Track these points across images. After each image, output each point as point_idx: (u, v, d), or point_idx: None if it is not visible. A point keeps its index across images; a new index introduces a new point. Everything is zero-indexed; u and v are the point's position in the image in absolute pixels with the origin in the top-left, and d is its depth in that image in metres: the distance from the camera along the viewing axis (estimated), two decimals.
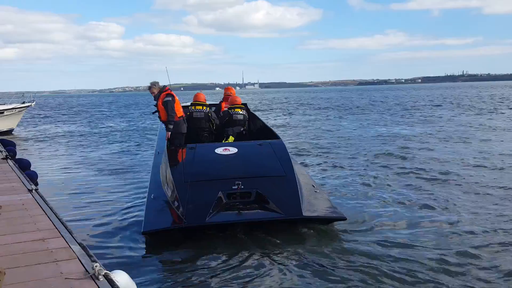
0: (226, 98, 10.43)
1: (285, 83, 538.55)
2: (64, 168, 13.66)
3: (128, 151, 17.35)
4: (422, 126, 23.39)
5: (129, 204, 8.85)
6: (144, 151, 17.00)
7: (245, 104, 10.41)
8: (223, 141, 9.10)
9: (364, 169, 11.99)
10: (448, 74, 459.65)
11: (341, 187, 10.00)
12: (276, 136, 8.87)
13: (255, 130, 10.28)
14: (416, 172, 11.32)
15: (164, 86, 9.18)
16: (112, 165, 13.86)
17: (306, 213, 6.57)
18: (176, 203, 6.69)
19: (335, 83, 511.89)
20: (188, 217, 6.32)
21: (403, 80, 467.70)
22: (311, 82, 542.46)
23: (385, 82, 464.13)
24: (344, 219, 6.84)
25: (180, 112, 9.00)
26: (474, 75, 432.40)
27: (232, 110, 9.60)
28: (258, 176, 7.11)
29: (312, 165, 12.97)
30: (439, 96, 68.23)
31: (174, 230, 6.42)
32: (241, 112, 9.59)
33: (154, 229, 6.37)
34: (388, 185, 10.03)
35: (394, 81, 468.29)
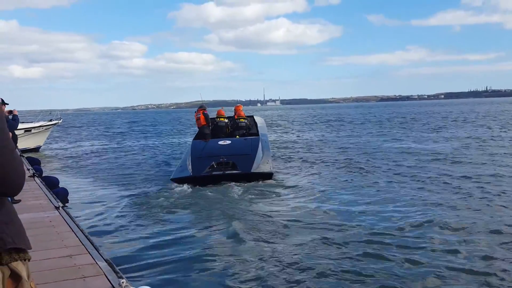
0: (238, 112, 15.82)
1: (306, 99, 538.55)
2: (90, 184, 13.87)
3: (155, 167, 17.54)
4: None
5: (156, 221, 8.93)
6: (172, 166, 17.14)
7: (252, 116, 17.01)
8: None
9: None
10: (472, 90, 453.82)
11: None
12: (257, 135, 14.69)
13: (253, 131, 15.42)
14: None
15: (201, 106, 15.43)
16: (139, 182, 13.99)
17: (252, 171, 12.47)
18: (189, 167, 12.77)
19: (356, 99, 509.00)
20: (193, 171, 12.53)
21: (426, 96, 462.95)
22: (333, 98, 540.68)
23: (407, 98, 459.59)
24: (271, 174, 12.84)
25: (200, 123, 14.91)
26: (498, 91, 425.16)
27: (238, 120, 15.29)
28: (234, 155, 13.06)
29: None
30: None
31: (187, 178, 12.42)
32: (243, 121, 15.31)
33: (176, 177, 12.72)
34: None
35: (416, 97, 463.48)
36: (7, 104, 9.13)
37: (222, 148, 13.34)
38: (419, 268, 6.02)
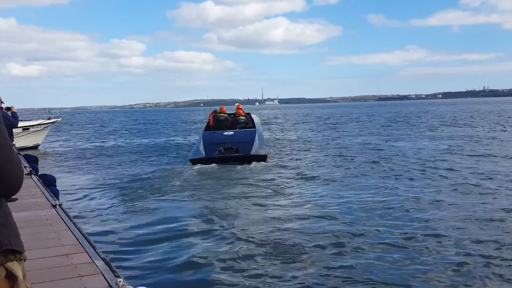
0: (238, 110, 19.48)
1: (305, 98, 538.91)
2: (88, 182, 13.83)
3: (153, 165, 17.50)
4: None
5: (152, 219, 8.91)
6: (171, 165, 17.12)
7: (249, 113, 20.29)
8: None
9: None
10: (469, 90, 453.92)
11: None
12: (254, 128, 18.20)
13: (250, 125, 18.73)
14: None
15: (214, 111, 19.26)
16: (137, 180, 13.94)
17: (251, 153, 16.02)
18: (203, 151, 16.29)
19: (355, 99, 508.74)
20: (206, 153, 16.10)
21: (424, 96, 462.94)
22: (331, 97, 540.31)
23: (405, 97, 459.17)
24: (265, 156, 16.84)
25: (211, 122, 18.60)
26: (496, 91, 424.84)
27: (238, 117, 18.79)
28: (237, 142, 16.61)
29: None
30: None
31: (200, 159, 16.02)
32: (242, 118, 18.81)
33: (193, 158, 16.33)
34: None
35: (414, 96, 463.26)
36: (3, 102, 9.10)
37: (227, 137, 17.01)
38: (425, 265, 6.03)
